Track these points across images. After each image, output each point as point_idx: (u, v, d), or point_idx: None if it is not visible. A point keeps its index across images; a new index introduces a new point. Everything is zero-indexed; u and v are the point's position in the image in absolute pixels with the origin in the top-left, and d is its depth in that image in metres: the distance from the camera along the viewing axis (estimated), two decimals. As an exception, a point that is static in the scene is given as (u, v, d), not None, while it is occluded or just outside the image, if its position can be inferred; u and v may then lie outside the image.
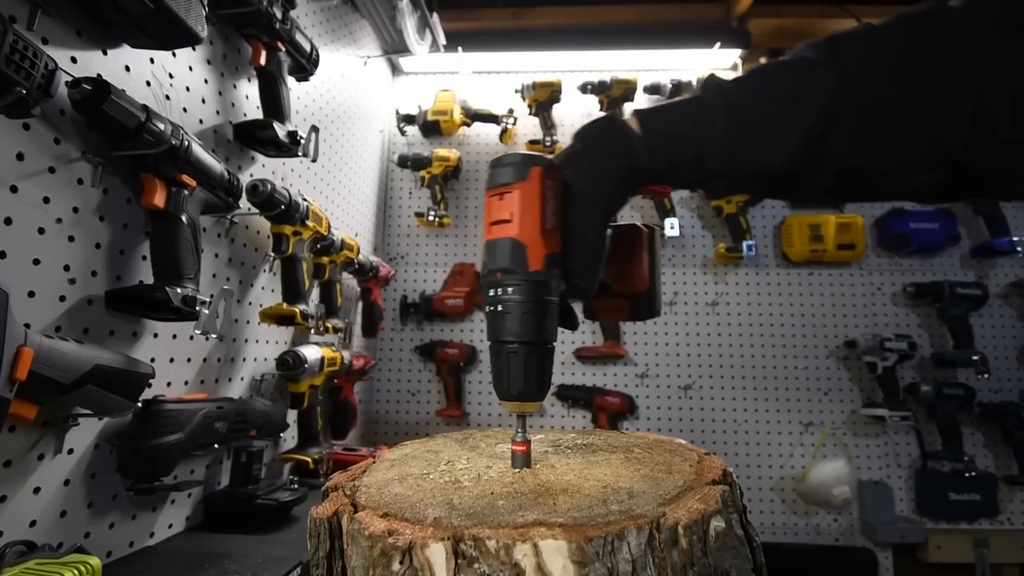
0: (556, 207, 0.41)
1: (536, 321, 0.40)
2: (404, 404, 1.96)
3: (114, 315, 0.76)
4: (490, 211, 0.42)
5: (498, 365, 0.41)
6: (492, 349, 0.42)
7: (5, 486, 0.62)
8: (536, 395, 0.41)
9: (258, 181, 1.00)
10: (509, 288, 0.40)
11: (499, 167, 0.42)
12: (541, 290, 0.40)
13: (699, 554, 0.29)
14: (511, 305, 0.40)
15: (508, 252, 0.40)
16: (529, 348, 0.40)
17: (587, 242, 0.42)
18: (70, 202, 0.70)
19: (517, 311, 0.40)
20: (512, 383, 0.41)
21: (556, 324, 0.42)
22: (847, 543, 1.77)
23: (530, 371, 0.41)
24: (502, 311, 0.40)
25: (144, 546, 0.83)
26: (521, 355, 0.40)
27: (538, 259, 0.40)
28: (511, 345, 0.40)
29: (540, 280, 0.40)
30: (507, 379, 0.41)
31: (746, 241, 1.85)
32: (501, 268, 0.40)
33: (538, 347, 0.41)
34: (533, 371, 0.41)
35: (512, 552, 0.28)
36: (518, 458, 0.41)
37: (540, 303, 0.40)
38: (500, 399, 0.42)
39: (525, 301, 0.40)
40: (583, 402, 1.88)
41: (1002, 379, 1.83)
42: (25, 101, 0.58)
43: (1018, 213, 1.89)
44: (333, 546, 0.34)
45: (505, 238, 0.40)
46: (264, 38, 1.04)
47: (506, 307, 0.40)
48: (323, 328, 1.23)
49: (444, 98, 2.01)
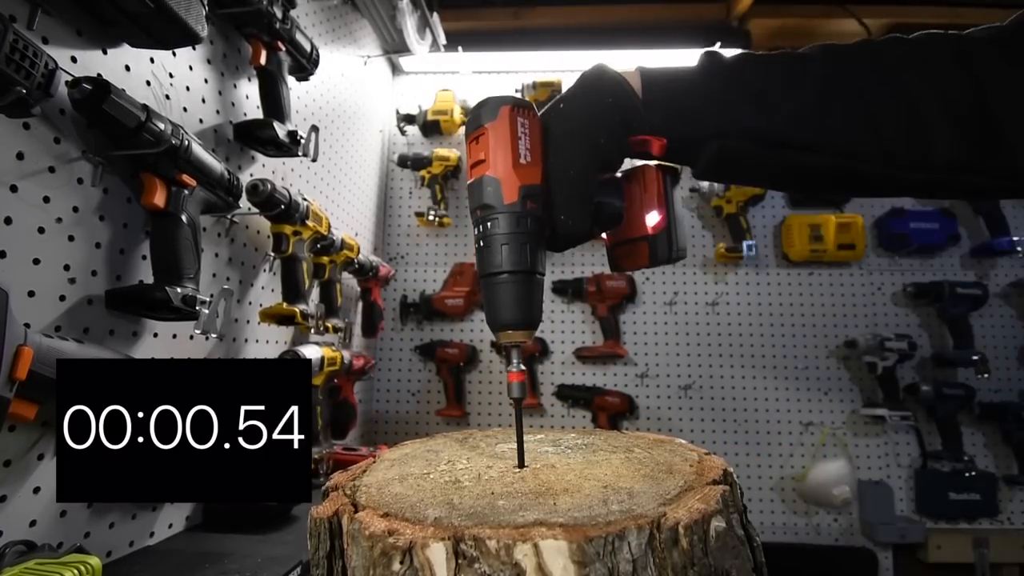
0: (531, 143, 0.43)
1: (519, 250, 0.42)
2: (404, 404, 1.96)
3: (114, 315, 0.76)
4: (469, 156, 0.44)
5: (488, 298, 0.43)
6: (483, 285, 0.44)
7: (5, 486, 0.62)
8: (525, 323, 0.42)
9: (258, 181, 1.00)
10: (489, 223, 0.42)
11: (473, 113, 0.44)
12: (519, 221, 0.42)
13: (700, 554, 0.29)
14: (493, 238, 0.42)
15: (485, 189, 0.42)
16: (516, 276, 0.42)
17: (569, 178, 0.44)
18: (70, 202, 0.70)
19: (499, 243, 0.42)
20: (501, 311, 0.42)
21: (542, 256, 0.43)
22: (847, 543, 1.77)
23: (518, 299, 0.42)
24: (486, 245, 0.42)
25: (144, 546, 0.83)
26: (508, 284, 0.42)
27: (512, 192, 0.42)
28: (499, 276, 0.42)
29: (517, 212, 0.42)
30: (497, 309, 0.42)
31: (746, 241, 1.85)
32: (481, 205, 0.42)
33: (524, 275, 0.42)
34: (521, 299, 0.42)
35: (513, 552, 0.28)
36: (514, 387, 0.42)
37: (520, 234, 0.42)
38: (493, 331, 0.44)
39: (507, 232, 0.42)
40: (583, 402, 1.88)
41: (1002, 379, 1.83)
42: (25, 100, 0.58)
43: (1018, 213, 1.89)
44: (333, 546, 0.34)
45: (481, 177, 0.43)
46: (264, 37, 1.04)
47: (489, 241, 0.42)
48: (323, 328, 1.23)
49: (444, 98, 2.01)
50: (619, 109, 0.45)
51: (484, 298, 0.43)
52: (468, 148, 0.44)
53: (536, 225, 0.42)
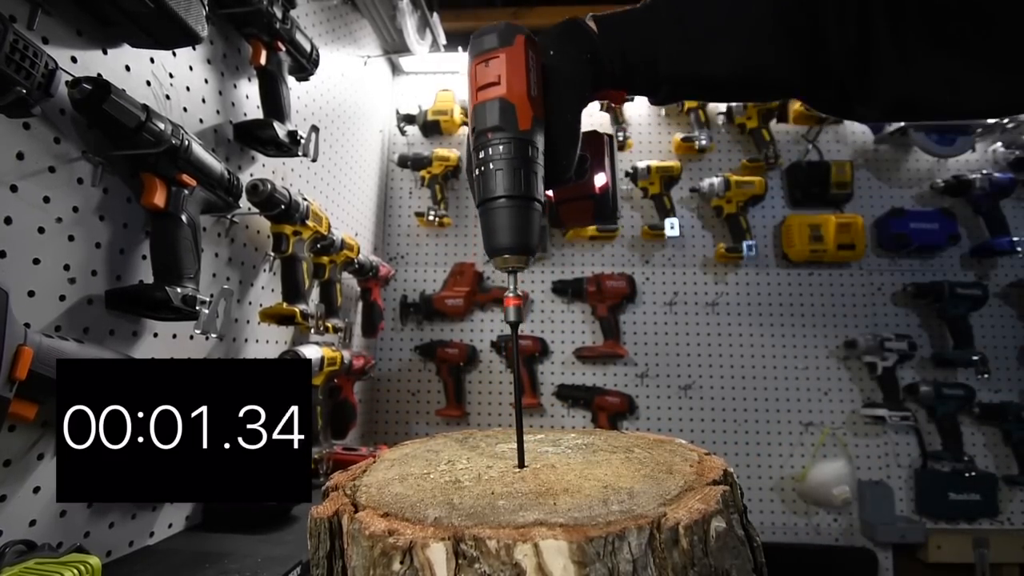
0: (537, 79, 0.43)
1: (525, 177, 0.41)
2: (404, 404, 1.96)
3: (114, 315, 0.76)
4: (476, 78, 0.43)
5: (487, 223, 0.43)
6: (481, 211, 0.43)
7: (5, 486, 0.62)
8: (523, 247, 0.42)
9: (258, 181, 1.00)
10: (500, 146, 0.41)
11: (483, 35, 0.43)
12: (530, 148, 0.42)
13: (700, 554, 0.29)
14: (501, 162, 0.41)
15: (497, 111, 0.42)
16: (517, 202, 0.41)
17: (567, 122, 0.45)
18: (70, 202, 0.70)
19: (507, 167, 0.41)
20: (500, 236, 0.42)
21: (542, 187, 0.43)
22: (847, 543, 1.77)
23: (518, 224, 0.42)
24: (493, 168, 0.42)
25: (144, 546, 0.83)
26: (509, 209, 0.42)
27: (527, 119, 0.42)
28: (499, 200, 0.42)
29: (529, 139, 0.42)
30: (496, 234, 0.42)
31: (746, 241, 1.85)
32: (491, 127, 0.42)
33: (524, 200, 0.42)
34: (521, 224, 0.42)
35: (513, 552, 0.28)
36: (511, 311, 0.43)
37: (528, 160, 0.42)
38: (490, 257, 0.43)
39: (515, 157, 0.41)
40: (583, 402, 1.88)
41: (1002, 379, 1.83)
42: (25, 100, 0.58)
43: (1018, 213, 1.90)
44: (333, 546, 0.34)
45: (494, 99, 0.42)
46: (264, 38, 1.04)
47: (496, 164, 0.42)
48: (323, 328, 1.23)
49: (444, 98, 2.01)
50: (593, 64, 0.46)
51: (483, 225, 0.43)
52: (474, 70, 0.43)
53: (539, 156, 0.43)
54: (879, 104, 0.44)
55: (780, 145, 1.97)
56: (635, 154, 2.01)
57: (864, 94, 0.44)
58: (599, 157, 0.55)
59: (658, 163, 1.90)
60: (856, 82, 0.44)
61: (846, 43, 0.42)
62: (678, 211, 1.92)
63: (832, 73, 0.44)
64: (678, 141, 1.96)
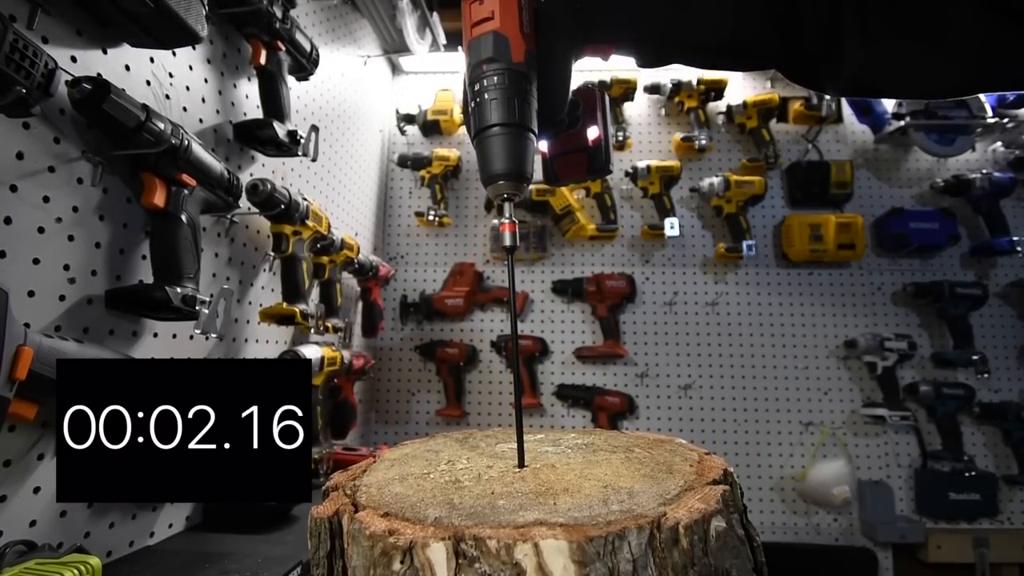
0: (530, 18, 0.44)
1: (519, 106, 0.42)
2: (404, 404, 1.96)
3: (114, 314, 0.76)
4: (470, 15, 0.45)
5: (482, 152, 0.43)
6: (476, 142, 0.44)
7: (5, 486, 0.62)
8: (517, 174, 0.43)
9: (258, 180, 1.00)
10: (495, 77, 0.43)
11: None
12: (523, 80, 0.43)
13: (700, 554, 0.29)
14: (495, 91, 0.43)
15: (491, 44, 0.43)
16: (511, 129, 0.42)
17: (558, 70, 0.46)
18: (70, 201, 0.70)
19: (501, 96, 0.42)
20: (495, 162, 0.43)
21: (535, 117, 0.44)
22: (847, 543, 1.77)
23: (511, 151, 0.42)
24: (488, 98, 0.43)
25: (144, 546, 0.83)
26: (503, 136, 0.42)
27: (520, 52, 0.43)
28: (493, 129, 0.43)
29: (521, 71, 0.43)
30: (490, 161, 0.43)
31: (746, 241, 1.85)
32: (485, 59, 0.43)
33: (517, 128, 0.43)
34: (515, 151, 0.43)
35: (513, 552, 0.28)
36: (507, 235, 0.43)
37: (522, 91, 0.43)
38: (485, 186, 0.44)
39: (509, 86, 0.42)
40: (583, 402, 1.88)
41: (1002, 379, 1.83)
42: (25, 100, 0.58)
43: (1018, 213, 1.90)
44: (334, 546, 0.34)
45: (488, 32, 0.43)
46: (264, 37, 1.04)
47: (491, 94, 0.43)
48: (323, 328, 1.23)
49: (444, 98, 2.01)
50: (583, 13, 0.47)
51: (479, 155, 0.44)
52: (467, 9, 0.45)
53: (532, 90, 0.44)
54: (842, 82, 0.46)
55: (780, 145, 1.97)
56: (635, 154, 2.01)
57: (831, 70, 0.46)
58: (592, 111, 0.56)
59: (658, 163, 1.90)
60: (825, 58, 0.45)
61: (818, 20, 0.44)
62: (678, 211, 1.92)
63: (805, 47, 0.45)
64: (678, 141, 1.96)
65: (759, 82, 2.04)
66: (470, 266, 1.97)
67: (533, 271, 1.98)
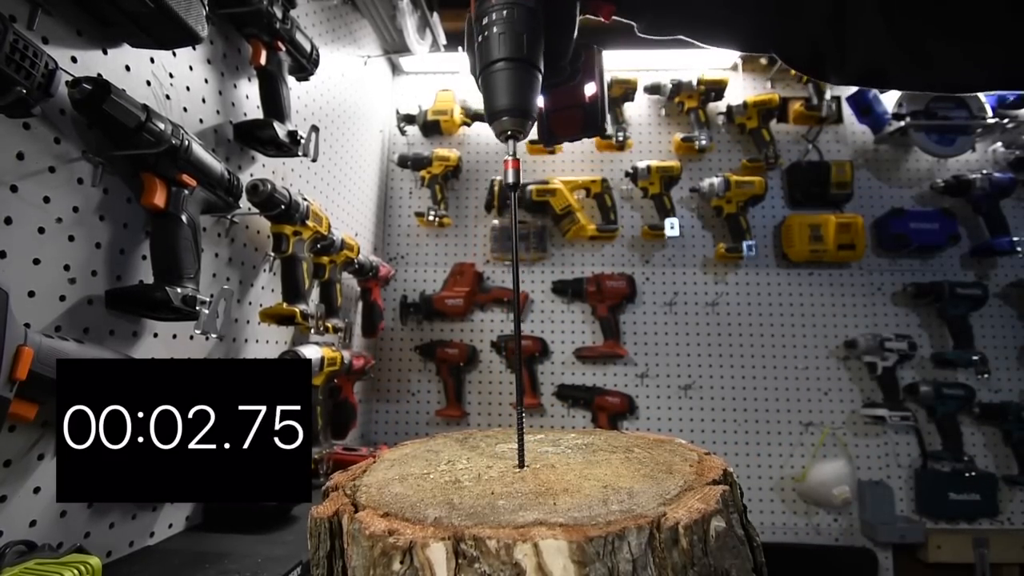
0: None
1: (528, 40, 0.42)
2: (404, 404, 1.96)
3: (114, 315, 0.76)
4: None
5: (487, 87, 0.43)
6: (482, 77, 0.44)
7: (5, 486, 0.62)
8: (522, 110, 0.42)
9: (258, 181, 1.00)
10: (504, 11, 0.43)
11: None
12: (532, 17, 0.43)
13: (699, 554, 0.29)
14: (503, 25, 0.43)
15: None
16: (517, 64, 0.42)
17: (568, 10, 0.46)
18: (70, 202, 0.70)
19: (509, 30, 0.42)
20: (500, 98, 0.42)
21: (541, 54, 0.44)
22: (847, 543, 1.77)
23: (517, 86, 0.42)
24: (496, 32, 0.43)
25: (144, 546, 0.83)
26: (509, 71, 0.42)
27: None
28: (499, 64, 0.43)
29: (531, 7, 0.43)
30: (495, 96, 0.43)
31: (746, 241, 1.85)
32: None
33: (523, 64, 0.43)
34: (520, 86, 0.42)
35: (513, 552, 0.28)
36: (510, 173, 0.43)
37: (531, 27, 0.43)
38: (490, 123, 0.44)
39: (517, 20, 0.42)
40: (583, 402, 1.88)
41: (1002, 379, 1.83)
42: (25, 100, 0.58)
43: (1018, 213, 1.90)
44: (334, 546, 0.34)
45: None
46: (264, 38, 1.04)
47: (498, 28, 0.43)
48: (323, 328, 1.23)
49: (444, 98, 2.01)
50: None
51: (484, 90, 0.44)
52: None
53: (540, 27, 0.44)
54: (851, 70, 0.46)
55: (780, 145, 1.97)
56: (635, 154, 2.01)
57: (839, 58, 0.46)
58: (589, 67, 0.56)
59: (658, 163, 1.90)
60: (832, 47, 0.45)
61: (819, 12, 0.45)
62: (678, 211, 1.92)
63: (806, 36, 0.46)
64: (678, 141, 1.96)
65: (759, 82, 2.04)
66: (470, 266, 1.97)
67: (533, 271, 1.98)
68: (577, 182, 1.91)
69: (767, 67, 2.00)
